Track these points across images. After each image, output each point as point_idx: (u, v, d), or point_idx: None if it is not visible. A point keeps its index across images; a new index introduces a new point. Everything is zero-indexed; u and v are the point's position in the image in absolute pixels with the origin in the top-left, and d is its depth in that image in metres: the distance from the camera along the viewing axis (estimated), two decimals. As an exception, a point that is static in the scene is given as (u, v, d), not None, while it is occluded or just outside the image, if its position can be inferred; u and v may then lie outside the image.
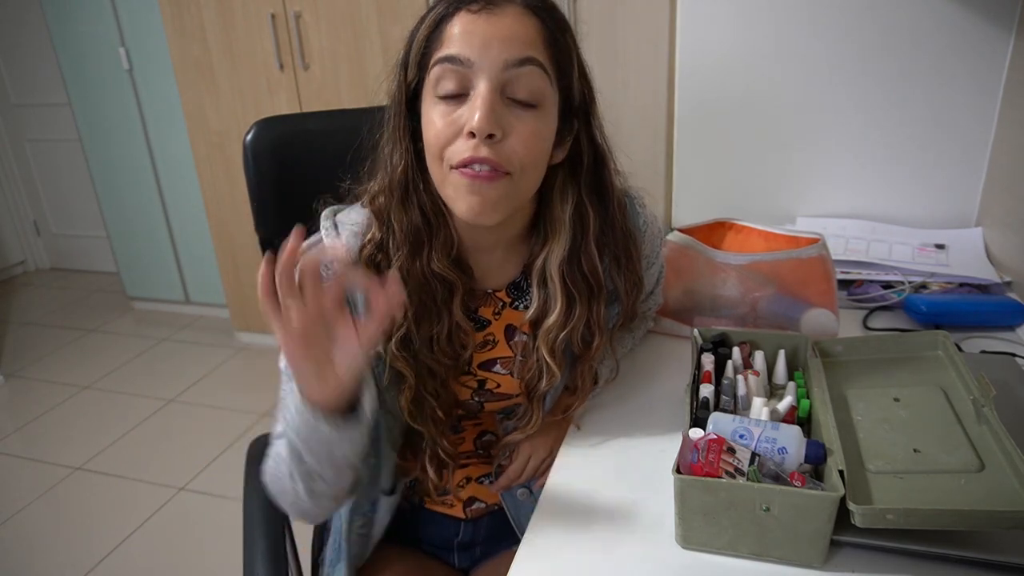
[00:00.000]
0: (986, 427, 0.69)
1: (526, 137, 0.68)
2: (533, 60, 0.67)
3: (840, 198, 1.35)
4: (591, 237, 0.77)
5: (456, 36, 0.67)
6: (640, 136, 2.00)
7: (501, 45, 0.66)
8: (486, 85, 0.66)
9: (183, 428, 2.48)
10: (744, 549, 0.64)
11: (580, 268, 0.77)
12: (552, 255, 0.77)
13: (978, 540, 0.61)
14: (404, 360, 0.76)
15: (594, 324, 0.79)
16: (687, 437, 0.66)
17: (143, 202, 3.14)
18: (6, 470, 2.30)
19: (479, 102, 0.66)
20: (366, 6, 2.29)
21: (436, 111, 0.69)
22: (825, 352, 0.86)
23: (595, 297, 0.79)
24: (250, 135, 0.99)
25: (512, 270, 0.83)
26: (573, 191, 0.76)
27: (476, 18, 0.67)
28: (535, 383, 0.82)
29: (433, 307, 0.77)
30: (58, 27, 2.96)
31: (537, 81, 0.68)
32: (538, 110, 0.69)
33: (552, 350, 0.79)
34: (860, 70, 1.26)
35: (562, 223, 0.76)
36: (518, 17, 0.67)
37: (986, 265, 1.16)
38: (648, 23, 1.89)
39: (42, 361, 3.03)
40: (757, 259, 0.97)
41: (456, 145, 0.68)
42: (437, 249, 0.76)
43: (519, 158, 0.68)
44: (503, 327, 0.84)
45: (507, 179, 0.69)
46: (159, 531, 1.98)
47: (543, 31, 0.68)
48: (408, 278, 0.75)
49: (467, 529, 0.97)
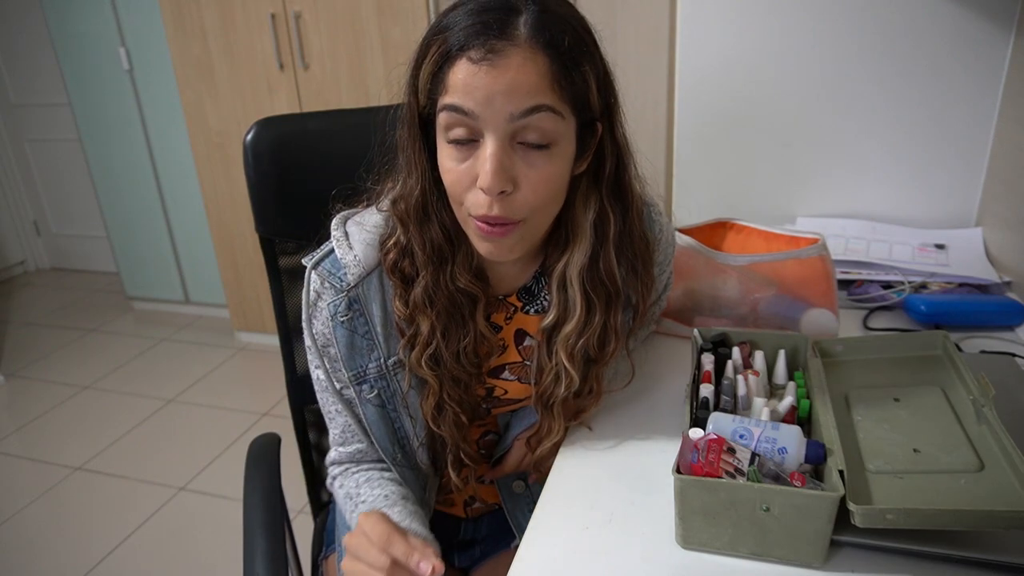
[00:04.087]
0: (986, 427, 0.69)
1: (537, 184, 0.67)
2: (541, 108, 0.64)
3: (840, 198, 1.35)
4: (611, 243, 0.76)
5: (459, 86, 0.64)
6: (640, 137, 2.00)
7: (504, 99, 0.63)
8: (492, 141, 0.64)
9: (183, 428, 2.48)
10: (744, 549, 0.64)
11: (599, 274, 0.76)
12: (573, 261, 0.76)
13: (978, 540, 0.61)
14: (431, 371, 0.77)
15: (611, 329, 0.79)
16: (687, 437, 0.66)
17: (143, 202, 3.14)
18: (6, 470, 2.30)
19: (487, 161, 0.65)
20: (366, 6, 2.29)
21: (449, 155, 0.68)
22: (825, 352, 0.86)
23: (613, 303, 0.78)
24: (250, 135, 0.99)
25: (525, 275, 0.83)
26: (595, 197, 0.75)
27: (477, 70, 0.62)
28: (551, 390, 0.81)
29: (460, 321, 0.77)
30: (58, 27, 2.96)
31: (547, 124, 0.65)
32: (551, 149, 0.67)
33: (571, 355, 0.78)
34: (860, 70, 1.26)
35: (583, 229, 0.75)
36: (523, 64, 0.62)
37: (986, 265, 1.16)
38: (648, 25, 1.89)
39: (42, 361, 3.03)
40: (757, 259, 0.97)
41: (471, 196, 0.68)
42: (459, 264, 0.76)
43: (531, 206, 0.68)
44: (513, 332, 0.84)
45: (520, 226, 0.69)
46: (159, 531, 1.98)
47: (551, 69, 0.64)
48: (435, 295, 0.74)
49: (467, 528, 0.97)
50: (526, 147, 0.66)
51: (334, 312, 0.76)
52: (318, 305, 0.77)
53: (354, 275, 0.76)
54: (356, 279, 0.76)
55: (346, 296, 0.76)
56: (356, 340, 0.77)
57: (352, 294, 0.76)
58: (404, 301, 0.76)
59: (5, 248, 4.01)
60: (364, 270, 0.76)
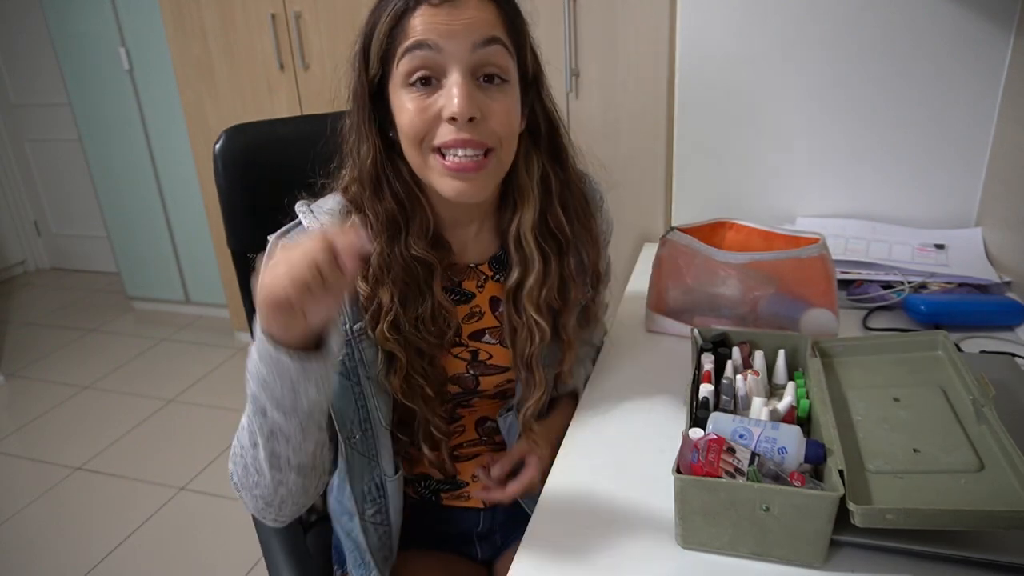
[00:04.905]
0: (986, 427, 0.69)
1: (502, 113, 0.73)
2: (497, 39, 0.72)
3: (840, 198, 1.35)
4: (555, 197, 0.83)
5: (420, 27, 0.70)
6: (640, 136, 2.00)
7: (466, 30, 0.70)
8: (458, 71, 0.70)
9: (183, 428, 2.48)
10: (744, 549, 0.64)
11: (548, 227, 0.83)
12: (524, 219, 0.82)
13: (978, 540, 0.61)
14: (395, 342, 0.79)
15: (567, 277, 0.85)
16: (687, 437, 0.66)
17: (143, 202, 3.14)
18: (6, 470, 2.30)
19: (455, 89, 0.70)
20: (366, 6, 2.27)
21: (409, 99, 0.72)
22: (825, 352, 0.86)
23: (564, 251, 0.85)
24: (219, 144, 0.94)
25: (491, 244, 0.87)
26: (536, 157, 0.82)
27: (438, 11, 0.70)
28: (527, 348, 0.85)
29: (416, 289, 0.79)
30: (58, 27, 2.96)
31: (503, 58, 0.73)
32: (507, 84, 0.74)
33: (538, 307, 0.83)
34: (860, 70, 1.26)
35: (529, 189, 0.82)
36: (479, 5, 0.71)
37: (986, 265, 1.16)
38: (648, 23, 1.89)
39: (42, 361, 3.03)
40: (757, 258, 0.97)
41: (437, 130, 0.72)
42: (414, 233, 0.79)
43: (499, 134, 0.74)
44: (487, 299, 0.87)
45: (492, 156, 0.74)
46: (159, 531, 1.98)
47: (501, 14, 0.73)
48: (390, 264, 0.77)
49: (486, 518, 0.98)
50: (486, 83, 0.72)
51: None
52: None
53: None
54: None
55: None
56: None
57: None
58: (364, 278, 0.78)
59: (5, 248, 4.01)
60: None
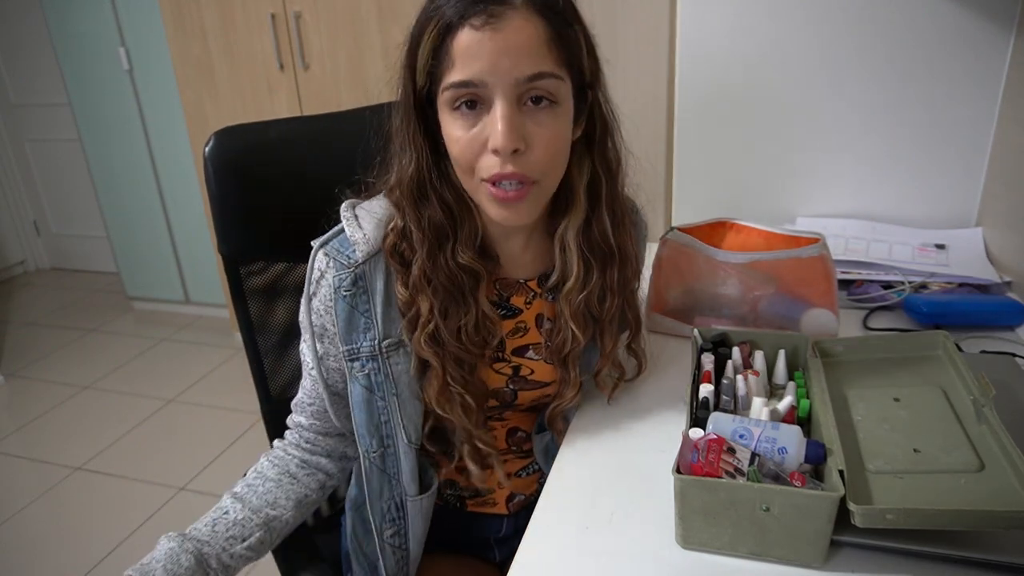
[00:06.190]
0: (986, 427, 0.69)
1: (547, 141, 0.70)
2: (543, 75, 0.68)
3: (840, 198, 1.35)
4: (603, 205, 0.79)
5: (464, 57, 0.67)
6: (640, 136, 1.99)
7: (510, 61, 0.66)
8: (502, 102, 0.67)
9: (183, 428, 2.48)
10: (744, 549, 0.64)
11: (593, 235, 0.80)
12: (570, 225, 0.79)
13: (978, 540, 0.61)
14: (433, 353, 0.77)
15: (608, 288, 0.82)
16: (687, 437, 0.66)
17: (143, 202, 3.14)
18: (6, 470, 2.30)
19: (499, 122, 0.67)
20: (366, 6, 2.29)
21: (456, 125, 0.70)
22: (825, 352, 0.86)
23: (609, 263, 0.82)
24: (209, 147, 0.91)
25: (540, 260, 0.85)
26: (588, 162, 0.78)
27: (481, 36, 0.66)
28: (564, 349, 0.84)
29: (460, 298, 0.78)
30: (58, 27, 2.96)
31: (550, 86, 0.69)
32: (556, 106, 0.70)
33: (574, 313, 0.81)
34: (860, 70, 1.26)
35: (578, 194, 0.79)
36: (522, 26, 0.66)
37: (986, 265, 1.16)
38: (648, 23, 1.89)
39: (42, 361, 3.03)
40: (757, 258, 0.96)
41: (484, 160, 0.70)
42: (462, 241, 0.77)
43: (543, 165, 0.71)
44: (534, 315, 0.86)
45: (535, 187, 0.72)
46: (159, 531, 1.95)
47: (548, 31, 0.68)
48: (433, 272, 0.76)
49: (509, 524, 0.98)
50: (533, 107, 0.69)
51: (338, 285, 0.76)
52: (321, 283, 0.78)
53: (363, 252, 0.76)
54: (365, 256, 0.76)
55: (352, 272, 0.76)
56: (355, 316, 0.77)
57: (359, 271, 0.76)
58: (405, 284, 0.77)
59: (5, 248, 4.01)
60: (373, 248, 0.77)
